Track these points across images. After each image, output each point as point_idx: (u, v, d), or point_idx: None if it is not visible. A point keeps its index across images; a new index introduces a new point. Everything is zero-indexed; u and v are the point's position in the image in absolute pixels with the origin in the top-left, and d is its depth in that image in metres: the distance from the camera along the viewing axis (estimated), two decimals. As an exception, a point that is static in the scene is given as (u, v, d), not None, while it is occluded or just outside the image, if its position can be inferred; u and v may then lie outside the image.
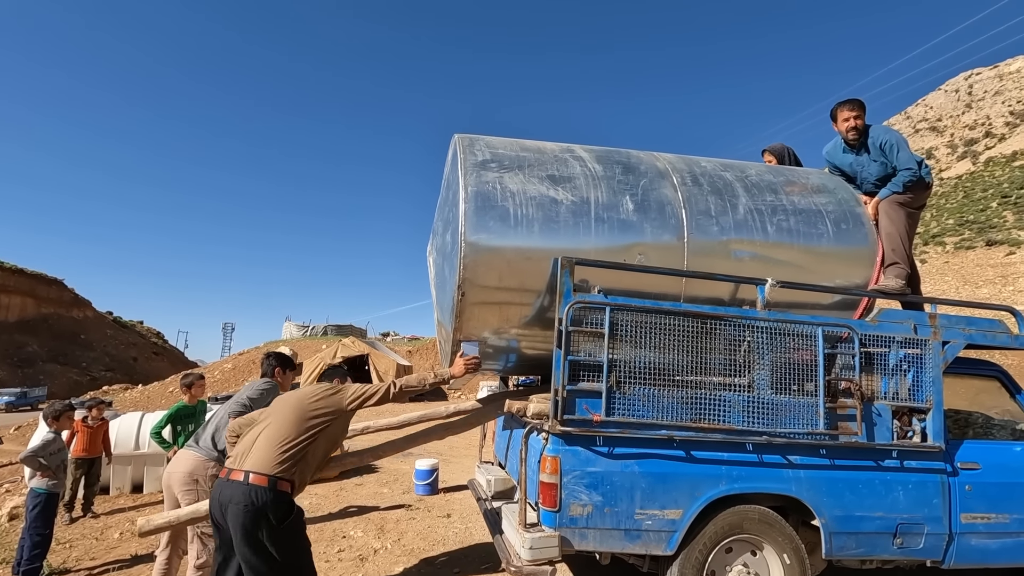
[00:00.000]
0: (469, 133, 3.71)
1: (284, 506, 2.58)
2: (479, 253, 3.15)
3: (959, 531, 3.35)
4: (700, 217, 3.48)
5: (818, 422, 3.15)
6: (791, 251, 3.55)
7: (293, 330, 32.88)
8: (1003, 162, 70.77)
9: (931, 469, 3.36)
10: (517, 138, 3.79)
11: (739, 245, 3.48)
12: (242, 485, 2.53)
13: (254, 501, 2.49)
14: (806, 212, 3.67)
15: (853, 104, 4.15)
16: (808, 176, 4.03)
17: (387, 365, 20.59)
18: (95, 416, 6.44)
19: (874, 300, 3.74)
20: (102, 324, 39.95)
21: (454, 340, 3.39)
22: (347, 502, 6.50)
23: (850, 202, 3.86)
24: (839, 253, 3.65)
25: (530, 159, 3.50)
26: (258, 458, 2.61)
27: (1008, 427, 3.84)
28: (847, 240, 3.67)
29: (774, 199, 3.67)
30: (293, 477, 2.65)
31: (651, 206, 3.44)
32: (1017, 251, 42.18)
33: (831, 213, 3.71)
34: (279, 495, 2.56)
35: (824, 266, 3.61)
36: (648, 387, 3.04)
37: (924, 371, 3.39)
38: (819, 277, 3.57)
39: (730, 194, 3.62)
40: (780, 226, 3.56)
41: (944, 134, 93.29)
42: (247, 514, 2.47)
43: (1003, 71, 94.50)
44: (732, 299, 3.48)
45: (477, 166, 3.36)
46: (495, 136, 3.73)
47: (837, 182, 4.08)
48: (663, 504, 3.00)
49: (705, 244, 3.43)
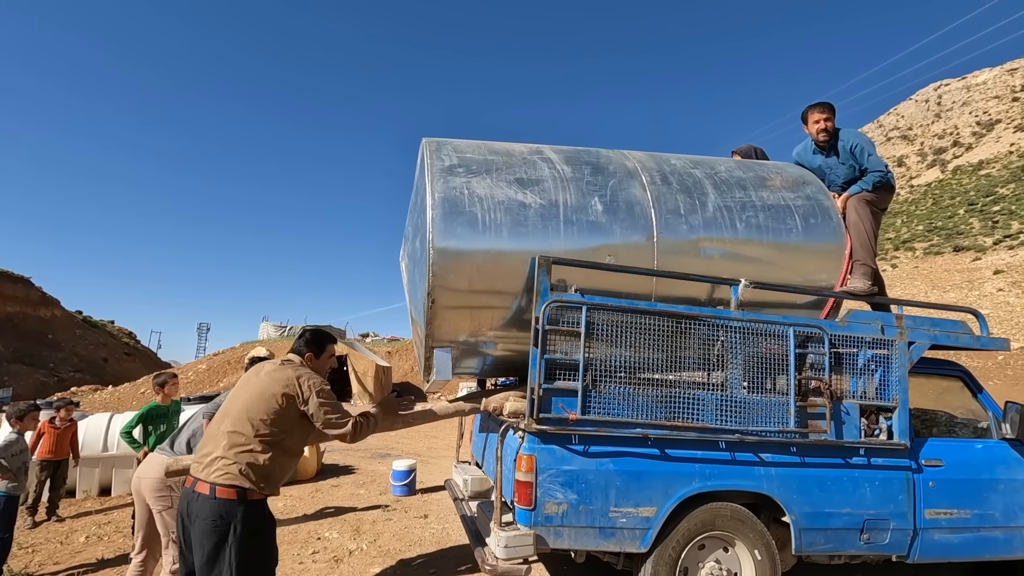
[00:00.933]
0: (449, 134, 3.70)
1: (255, 520, 2.37)
2: (447, 259, 3.15)
3: (923, 526, 3.44)
4: (669, 216, 3.50)
5: (789, 420, 3.21)
6: (760, 247, 3.59)
7: (270, 330, 32.36)
8: (970, 171, 73.16)
9: (897, 466, 3.45)
10: (494, 141, 3.78)
11: (709, 243, 3.52)
12: (208, 500, 2.31)
13: (222, 516, 2.29)
14: (775, 208, 3.71)
15: (823, 107, 4.26)
16: (778, 171, 4.08)
17: (366, 366, 20.37)
18: (63, 417, 6.26)
19: (842, 299, 3.82)
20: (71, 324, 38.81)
21: (427, 346, 3.38)
22: (323, 503, 6.42)
23: (818, 196, 3.91)
24: (808, 248, 3.70)
25: (498, 162, 3.49)
26: (222, 466, 2.36)
27: (970, 425, 3.96)
28: (816, 235, 3.72)
29: (743, 195, 3.71)
30: (266, 480, 2.42)
31: (620, 207, 3.46)
32: (982, 257, 43.62)
33: (800, 208, 3.76)
34: (250, 507, 2.35)
35: (794, 261, 3.66)
36: (623, 386, 3.07)
37: (891, 371, 3.48)
38: (789, 273, 3.62)
39: (699, 192, 3.65)
40: (749, 223, 3.60)
41: (915, 142, 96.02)
42: (215, 532, 2.27)
43: (970, 82, 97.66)
44: (703, 298, 3.53)
45: (444, 171, 3.35)
46: (465, 139, 3.71)
47: (806, 176, 4.13)
48: (637, 502, 3.03)
49: (674, 243, 3.46)
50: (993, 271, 39.11)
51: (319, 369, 2.83)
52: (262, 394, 2.51)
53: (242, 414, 2.46)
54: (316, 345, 2.86)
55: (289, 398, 2.52)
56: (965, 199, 62.02)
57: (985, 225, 51.48)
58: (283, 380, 2.56)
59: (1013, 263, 39.67)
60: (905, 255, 52.04)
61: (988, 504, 3.57)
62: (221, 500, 2.30)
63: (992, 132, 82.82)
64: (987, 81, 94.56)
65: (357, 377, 20.02)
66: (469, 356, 3.60)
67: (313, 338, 2.89)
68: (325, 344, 2.90)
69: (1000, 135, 79.92)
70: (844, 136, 4.19)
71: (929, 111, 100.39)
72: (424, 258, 3.20)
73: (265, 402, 2.49)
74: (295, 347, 2.84)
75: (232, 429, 2.44)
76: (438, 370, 3.34)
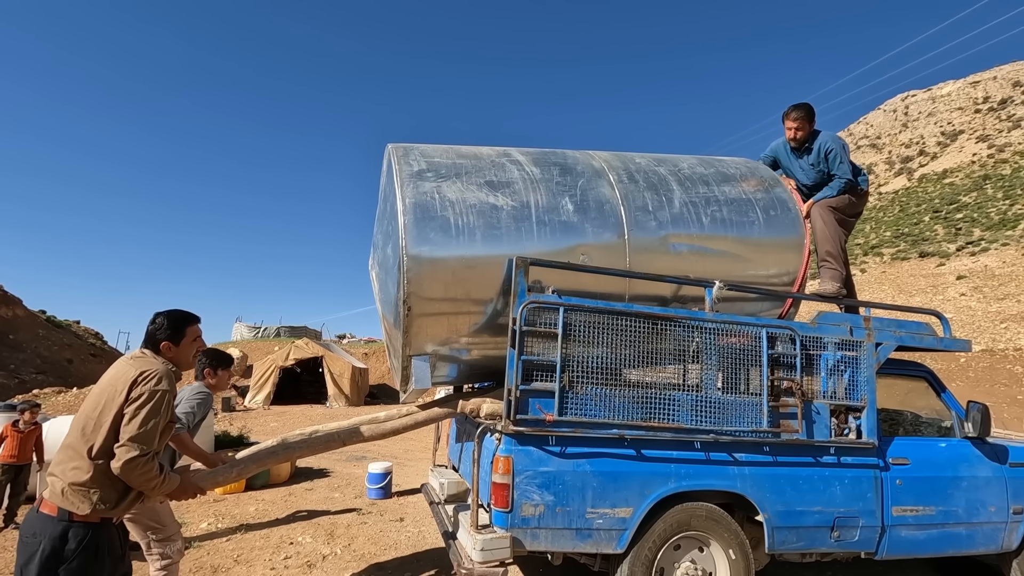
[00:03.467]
0: (415, 140, 3.66)
1: (75, 543, 2.02)
2: (422, 266, 3.11)
3: (891, 523, 3.53)
4: (638, 213, 3.54)
5: (762, 420, 3.27)
6: (726, 241, 3.66)
7: (244, 331, 31.71)
8: (935, 179, 75.68)
9: (865, 465, 3.53)
10: (459, 145, 3.75)
11: (677, 238, 3.56)
12: (30, 515, 2.07)
13: (36, 534, 2.01)
14: (737, 201, 3.79)
15: (799, 110, 4.30)
16: (736, 166, 4.15)
17: (342, 367, 20.11)
18: (27, 420, 6.02)
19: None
20: (33, 324, 37.46)
21: (404, 356, 3.33)
22: (296, 507, 6.29)
23: (775, 188, 3.99)
24: (771, 243, 3.78)
25: (467, 166, 3.47)
26: (53, 480, 2.08)
27: (935, 424, 4.08)
28: (777, 226, 3.80)
29: (707, 191, 3.78)
30: (99, 501, 2.07)
31: (590, 206, 3.48)
32: (946, 262, 45.12)
33: (760, 200, 3.85)
34: (68, 531, 2.02)
35: (758, 255, 3.74)
36: (600, 387, 3.08)
37: (859, 371, 3.56)
38: (754, 266, 3.71)
39: (665, 189, 3.70)
40: (714, 217, 3.67)
41: (883, 151, 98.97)
42: (25, 551, 1.99)
43: (936, 94, 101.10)
44: (675, 296, 3.57)
45: (413, 176, 3.31)
46: (431, 144, 3.68)
47: (763, 170, 4.21)
48: (614, 503, 3.04)
49: (645, 240, 3.49)
50: (956, 276, 40.50)
51: (181, 358, 2.40)
52: (103, 404, 2.13)
53: (81, 430, 2.12)
54: (173, 330, 2.35)
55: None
56: (930, 206, 64.13)
57: (949, 232, 53.31)
58: (124, 380, 2.15)
59: (975, 269, 41.14)
60: (874, 260, 53.53)
61: (952, 501, 3.68)
62: (42, 516, 2.06)
63: (956, 142, 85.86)
64: (951, 93, 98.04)
65: (333, 379, 19.76)
66: (446, 363, 3.56)
67: (169, 322, 2.35)
68: (185, 327, 2.39)
69: (963, 145, 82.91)
70: (822, 139, 4.25)
71: (897, 121, 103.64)
72: (398, 265, 3.15)
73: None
74: (148, 332, 2.34)
75: (68, 443, 2.14)
76: (416, 379, 3.30)
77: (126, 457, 2.06)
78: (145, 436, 2.10)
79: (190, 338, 2.43)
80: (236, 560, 4.54)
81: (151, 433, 2.12)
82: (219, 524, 5.47)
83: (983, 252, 44.63)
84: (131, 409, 2.10)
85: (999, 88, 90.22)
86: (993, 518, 3.77)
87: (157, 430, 2.16)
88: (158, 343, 2.33)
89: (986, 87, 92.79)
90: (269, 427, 14.38)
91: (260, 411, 17.43)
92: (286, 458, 3.47)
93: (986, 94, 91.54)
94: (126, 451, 2.07)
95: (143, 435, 2.09)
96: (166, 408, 2.19)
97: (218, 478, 2.95)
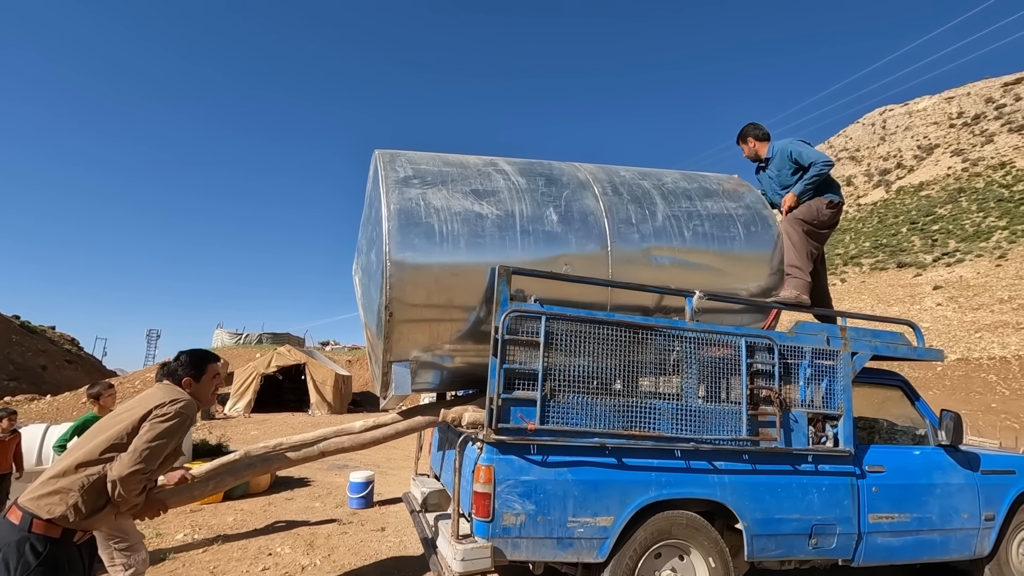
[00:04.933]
0: (398, 147, 3.66)
1: (32, 556, 1.97)
2: (405, 272, 3.11)
3: (867, 531, 3.58)
4: (622, 226, 3.58)
5: (741, 428, 3.30)
6: (707, 255, 3.73)
7: (225, 337, 31.24)
8: (912, 191, 77.56)
9: (842, 472, 3.58)
10: (447, 152, 3.77)
11: (659, 251, 3.61)
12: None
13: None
14: (719, 217, 3.86)
15: (741, 138, 4.56)
16: (719, 182, 4.23)
17: (325, 375, 19.88)
18: (6, 428, 5.85)
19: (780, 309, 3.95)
20: (6, 329, 36.50)
21: (385, 362, 3.31)
22: (275, 517, 6.19)
23: (757, 205, 4.09)
24: (751, 257, 3.86)
25: (453, 174, 3.49)
26: (34, 484, 2.09)
27: (909, 432, 4.16)
28: (757, 242, 3.88)
29: (689, 205, 3.85)
30: (73, 508, 2.06)
31: (574, 217, 3.52)
32: (923, 273, 46.15)
33: (741, 216, 3.92)
34: (26, 541, 1.98)
35: (738, 269, 3.82)
36: (582, 395, 3.09)
37: (836, 380, 3.62)
38: (735, 279, 3.79)
39: (649, 202, 3.76)
40: (696, 231, 3.73)
41: (862, 163, 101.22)
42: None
43: (912, 108, 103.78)
44: (657, 306, 3.61)
45: (399, 183, 3.32)
46: (418, 151, 3.69)
47: (743, 185, 4.30)
48: (595, 511, 3.04)
49: (627, 252, 3.54)
50: (933, 287, 41.44)
51: (201, 394, 2.53)
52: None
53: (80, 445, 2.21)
54: (195, 367, 2.52)
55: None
56: (908, 218, 65.68)
57: (925, 243, 54.60)
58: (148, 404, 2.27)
59: (950, 279, 42.13)
60: (853, 270, 54.56)
61: (926, 508, 3.75)
62: (5, 522, 2.04)
63: (932, 156, 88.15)
64: (927, 108, 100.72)
65: (316, 386, 19.53)
66: (428, 369, 3.55)
67: (191, 359, 2.53)
68: (206, 364, 2.56)
69: (939, 159, 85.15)
70: (775, 147, 4.39)
71: (875, 134, 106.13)
72: (381, 271, 3.14)
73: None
74: (170, 368, 2.51)
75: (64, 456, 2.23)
76: (396, 385, 3.29)
77: (127, 471, 2.11)
78: (152, 452, 2.17)
79: (210, 375, 2.57)
80: (212, 572, 4.45)
81: (158, 451, 2.20)
82: (196, 535, 5.36)
83: (958, 263, 45.77)
84: (150, 423, 2.20)
85: (972, 104, 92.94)
86: (966, 524, 3.85)
87: (163, 451, 2.23)
88: (180, 379, 2.47)
89: (960, 103, 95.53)
90: (249, 435, 14.15)
91: (240, 419, 17.14)
92: (250, 476, 3.48)
93: (960, 109, 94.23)
94: (129, 464, 2.12)
95: (150, 450, 2.16)
96: (180, 434, 2.30)
97: (193, 493, 2.92)
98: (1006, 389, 21.51)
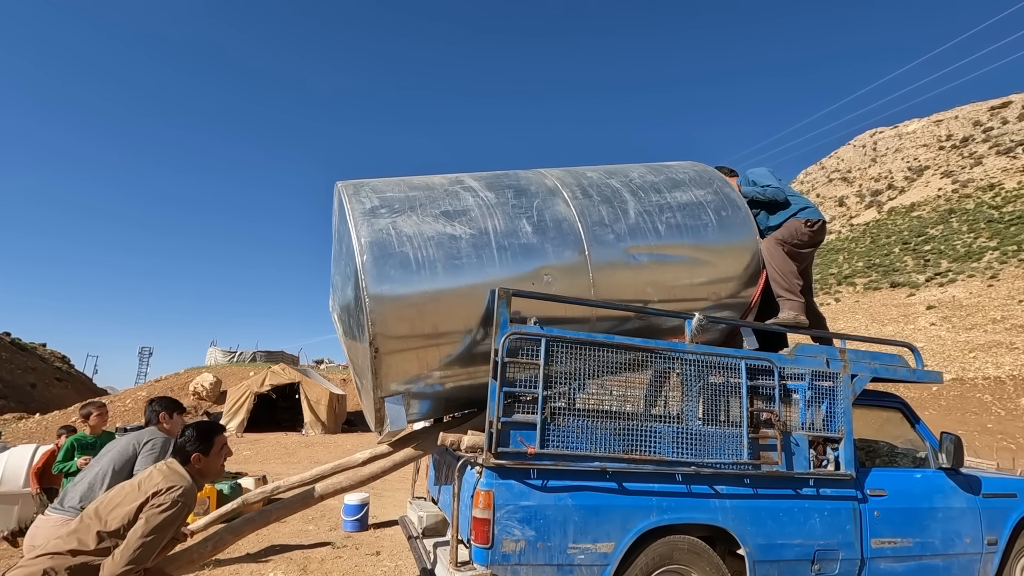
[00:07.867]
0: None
1: None
2: (385, 305, 3.04)
3: (870, 556, 3.53)
4: (596, 228, 3.54)
5: (742, 452, 3.27)
6: (683, 247, 3.68)
7: (218, 356, 30.94)
8: (903, 212, 78.43)
9: (844, 496, 3.54)
10: (410, 176, 3.70)
11: (636, 249, 3.57)
12: None
13: None
14: (689, 205, 3.83)
15: None
16: (683, 170, 4.19)
17: (319, 394, 19.68)
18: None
19: (757, 302, 3.92)
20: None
21: (376, 398, 3.25)
22: (268, 541, 6.07)
23: (724, 188, 4.06)
24: (726, 243, 3.82)
25: (420, 198, 3.40)
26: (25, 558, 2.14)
27: (910, 455, 4.13)
28: (730, 226, 3.85)
29: (659, 198, 3.81)
30: None
31: (548, 226, 3.46)
32: (916, 292, 46.44)
33: (711, 203, 3.89)
34: None
35: (715, 256, 3.77)
36: (582, 418, 3.06)
37: (836, 402, 3.61)
38: (713, 268, 3.75)
39: (619, 201, 3.72)
40: (669, 224, 3.70)
41: (854, 184, 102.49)
42: None
43: (902, 131, 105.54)
44: (640, 317, 3.56)
45: (367, 214, 3.23)
46: (381, 178, 3.60)
47: (708, 169, 4.29)
48: (596, 537, 2.99)
49: (605, 254, 3.49)
50: (926, 306, 41.65)
51: (210, 468, 2.52)
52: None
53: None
54: (202, 441, 2.50)
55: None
56: (900, 238, 66.31)
57: (918, 263, 55.06)
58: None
59: (943, 299, 42.38)
60: (847, 290, 54.86)
61: (929, 532, 3.71)
62: None
63: (922, 177, 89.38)
64: (916, 130, 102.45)
65: (310, 405, 19.32)
66: (419, 399, 3.49)
67: (198, 434, 2.51)
68: (213, 437, 2.55)
69: (929, 180, 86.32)
70: (741, 179, 4.44)
71: (866, 156, 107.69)
72: (360, 307, 3.07)
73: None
74: (177, 446, 2.50)
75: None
76: (392, 420, 3.23)
77: (119, 570, 2.09)
78: (145, 549, 2.15)
79: (218, 447, 2.57)
80: (203, 599, 4.34)
81: (152, 546, 2.18)
82: (186, 560, 5.24)
83: (951, 283, 46.10)
84: (145, 516, 2.19)
85: (960, 127, 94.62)
86: (969, 549, 3.81)
87: (159, 545, 2.22)
88: (188, 455, 2.46)
89: (948, 126, 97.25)
90: (242, 455, 13.94)
91: (233, 439, 16.90)
92: (250, 531, 3.48)
93: (949, 132, 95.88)
94: (122, 562, 2.10)
95: (144, 546, 2.15)
96: (178, 523, 2.31)
97: (193, 557, 2.92)
98: (1001, 409, 21.50)
